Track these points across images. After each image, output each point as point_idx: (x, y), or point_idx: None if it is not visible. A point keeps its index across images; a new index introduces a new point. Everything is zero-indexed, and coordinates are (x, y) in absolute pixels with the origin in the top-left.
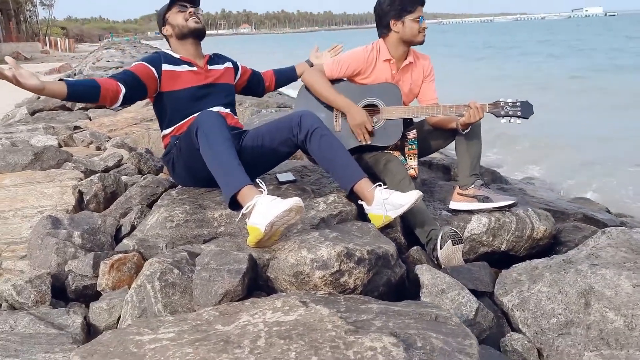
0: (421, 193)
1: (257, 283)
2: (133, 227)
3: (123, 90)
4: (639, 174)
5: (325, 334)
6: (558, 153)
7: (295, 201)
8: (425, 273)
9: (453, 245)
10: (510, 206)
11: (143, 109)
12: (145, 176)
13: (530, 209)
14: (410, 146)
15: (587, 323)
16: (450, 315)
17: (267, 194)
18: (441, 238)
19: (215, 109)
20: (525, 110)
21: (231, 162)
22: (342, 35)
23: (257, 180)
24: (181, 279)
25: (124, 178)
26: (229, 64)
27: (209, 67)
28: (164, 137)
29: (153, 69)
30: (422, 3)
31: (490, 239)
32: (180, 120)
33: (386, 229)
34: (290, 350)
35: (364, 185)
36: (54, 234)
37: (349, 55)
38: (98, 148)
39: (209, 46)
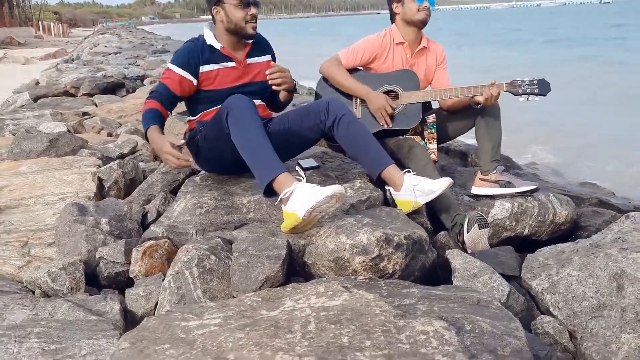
0: (451, 180)
1: (293, 268)
2: (159, 214)
3: (169, 115)
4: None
5: (374, 318)
6: (558, 138)
7: (337, 188)
8: (456, 257)
9: (479, 229)
10: (532, 191)
11: None
12: (163, 162)
13: (551, 195)
14: (429, 130)
15: (622, 306)
16: (491, 299)
17: (306, 182)
18: (468, 222)
19: None
20: (542, 87)
21: (266, 149)
22: (337, 21)
23: (297, 167)
24: (218, 265)
25: (141, 165)
26: (268, 57)
27: (248, 61)
28: (189, 121)
29: (191, 78)
30: None
31: (513, 223)
32: (210, 108)
33: (412, 214)
34: (342, 334)
35: (392, 171)
36: (82, 220)
37: (363, 42)
38: (109, 134)
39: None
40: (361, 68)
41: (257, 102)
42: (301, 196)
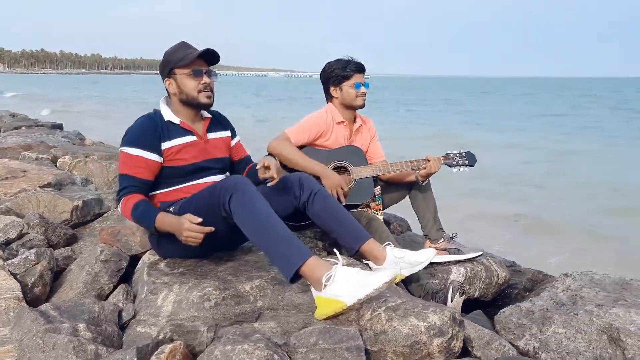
0: (435, 251)
1: None
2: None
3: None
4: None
5: None
6: None
7: (390, 275)
8: (468, 327)
9: (459, 297)
10: (477, 257)
11: None
12: (101, 249)
13: (489, 258)
14: (377, 202)
15: (629, 356)
16: None
17: (343, 265)
18: (452, 291)
19: (212, 178)
20: (470, 159)
21: (287, 233)
22: (116, 79)
23: (335, 249)
24: None
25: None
26: (227, 133)
27: (209, 136)
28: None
29: (157, 158)
30: (360, 70)
31: (468, 287)
32: (170, 187)
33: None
34: None
35: (372, 245)
36: (55, 329)
37: (310, 120)
38: None
39: None
40: (306, 145)
41: (221, 177)
42: (347, 282)
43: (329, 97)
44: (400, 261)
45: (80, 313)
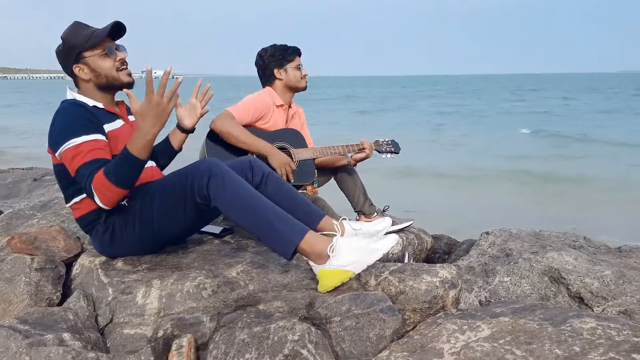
0: (391, 219)
1: None
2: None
3: None
4: None
5: (542, 332)
6: None
7: (396, 239)
8: None
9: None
10: (409, 226)
11: None
12: (30, 258)
13: (416, 227)
14: (314, 185)
15: (573, 291)
16: (542, 302)
17: (343, 235)
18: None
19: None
20: (396, 146)
21: (279, 211)
22: None
23: (341, 219)
24: (316, 335)
25: None
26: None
27: (130, 119)
28: (79, 202)
29: (104, 138)
30: (300, 53)
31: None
32: None
33: None
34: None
35: (328, 221)
36: (39, 342)
37: (254, 101)
38: None
39: None
40: (247, 126)
41: (152, 164)
42: (352, 251)
43: (270, 81)
44: (358, 232)
45: (53, 323)
